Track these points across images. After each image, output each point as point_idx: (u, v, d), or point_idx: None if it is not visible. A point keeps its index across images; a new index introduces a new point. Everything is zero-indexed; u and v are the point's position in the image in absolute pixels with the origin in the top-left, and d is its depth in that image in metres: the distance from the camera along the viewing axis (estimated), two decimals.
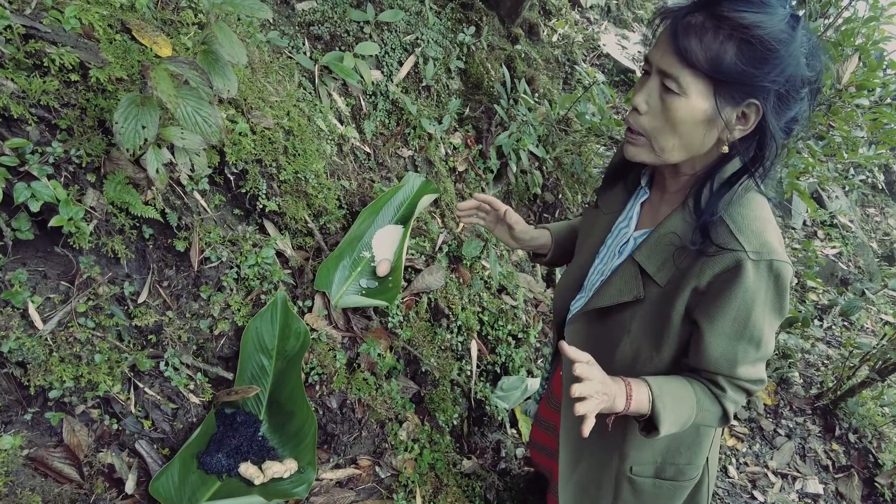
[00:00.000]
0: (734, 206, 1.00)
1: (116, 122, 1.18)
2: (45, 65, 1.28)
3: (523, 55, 3.34)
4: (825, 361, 3.44)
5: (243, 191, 1.72)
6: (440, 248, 2.35)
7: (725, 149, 0.99)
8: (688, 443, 1.24)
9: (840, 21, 2.80)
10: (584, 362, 0.95)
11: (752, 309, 0.99)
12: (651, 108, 0.99)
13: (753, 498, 2.62)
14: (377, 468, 1.79)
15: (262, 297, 1.71)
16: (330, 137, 2.11)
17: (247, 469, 1.50)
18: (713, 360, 1.05)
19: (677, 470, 1.26)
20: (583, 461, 1.34)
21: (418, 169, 2.53)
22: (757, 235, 0.98)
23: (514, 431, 2.33)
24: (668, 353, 1.11)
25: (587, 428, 0.92)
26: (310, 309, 1.84)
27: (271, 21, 2.17)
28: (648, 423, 1.07)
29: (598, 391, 0.94)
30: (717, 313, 1.01)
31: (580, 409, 0.91)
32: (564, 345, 0.96)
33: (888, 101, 2.88)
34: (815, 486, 2.72)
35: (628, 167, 1.23)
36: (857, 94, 2.52)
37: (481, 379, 2.32)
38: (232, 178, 1.69)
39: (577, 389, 0.92)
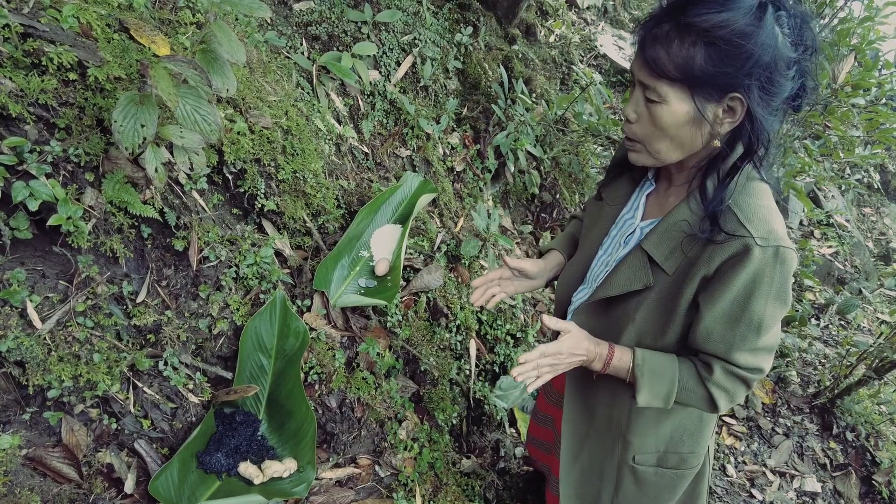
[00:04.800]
0: (740, 194, 1.02)
1: (115, 121, 1.18)
2: (43, 63, 1.28)
3: (521, 55, 3.34)
4: (822, 360, 3.45)
5: (242, 190, 1.72)
6: (439, 248, 2.35)
7: (717, 143, 1.01)
8: (690, 431, 1.25)
9: (836, 21, 2.81)
10: (566, 330, 1.10)
11: (755, 291, 1.01)
12: (640, 117, 1.04)
13: (752, 496, 2.62)
14: (377, 467, 1.79)
15: (261, 296, 1.71)
16: (328, 137, 2.11)
17: (246, 468, 1.50)
18: (711, 340, 1.06)
19: (680, 459, 1.27)
20: (585, 451, 1.34)
21: (416, 169, 2.53)
22: (764, 223, 1.00)
23: (513, 431, 2.33)
24: (671, 341, 1.12)
25: (532, 385, 1.09)
26: (308, 308, 1.83)
27: (269, 21, 2.17)
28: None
29: (545, 362, 1.08)
30: (718, 293, 1.02)
31: (514, 371, 1.07)
32: (545, 317, 1.09)
33: (884, 100, 2.89)
34: (813, 485, 2.73)
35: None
36: (853, 93, 2.53)
37: (480, 378, 2.32)
38: (230, 177, 1.69)
39: (523, 357, 1.07)
